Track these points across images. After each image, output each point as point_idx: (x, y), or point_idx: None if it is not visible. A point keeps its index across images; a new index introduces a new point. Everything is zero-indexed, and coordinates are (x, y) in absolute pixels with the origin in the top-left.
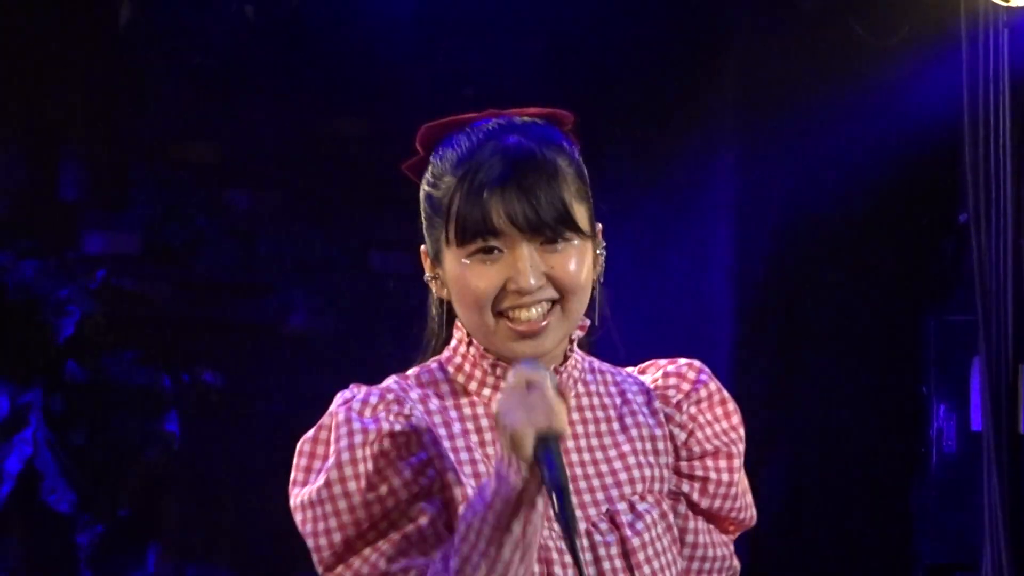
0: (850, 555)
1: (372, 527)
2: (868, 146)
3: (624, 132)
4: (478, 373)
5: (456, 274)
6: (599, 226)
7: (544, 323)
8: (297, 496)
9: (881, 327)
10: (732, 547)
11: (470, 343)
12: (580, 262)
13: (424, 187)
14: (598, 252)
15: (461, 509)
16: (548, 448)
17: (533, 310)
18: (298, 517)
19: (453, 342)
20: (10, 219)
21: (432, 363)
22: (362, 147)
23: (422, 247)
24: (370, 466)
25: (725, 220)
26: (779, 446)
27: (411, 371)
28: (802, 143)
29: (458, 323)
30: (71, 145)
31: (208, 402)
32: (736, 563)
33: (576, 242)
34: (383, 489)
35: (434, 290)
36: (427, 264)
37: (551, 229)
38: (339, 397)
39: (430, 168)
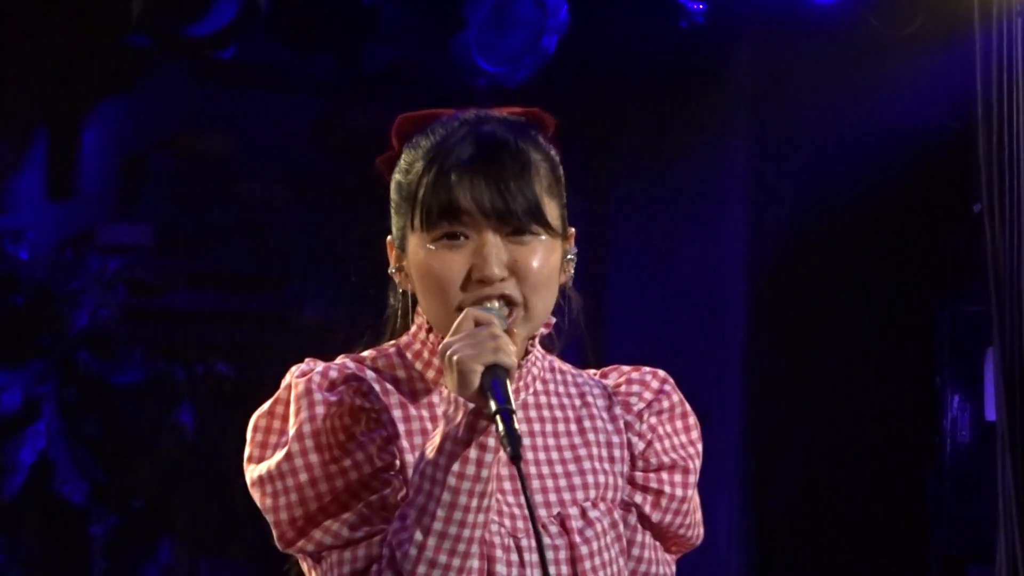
0: (863, 546)
1: (334, 500)
2: (881, 137)
3: (637, 125)
4: (436, 361)
5: (420, 260)
6: (572, 231)
7: (511, 324)
8: (255, 471)
9: (894, 318)
10: (673, 568)
11: (430, 330)
12: (545, 259)
13: (395, 176)
14: (568, 257)
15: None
16: (496, 378)
17: (496, 304)
18: (256, 493)
19: (413, 328)
20: (24, 211)
21: (390, 347)
22: (376, 138)
23: (388, 238)
24: (332, 439)
25: (738, 212)
26: (792, 437)
27: (366, 353)
28: (815, 135)
29: (419, 309)
30: (84, 137)
31: (221, 393)
32: None
33: (544, 238)
34: (346, 462)
35: (398, 282)
36: (392, 256)
37: (518, 219)
38: (295, 370)
39: (402, 157)
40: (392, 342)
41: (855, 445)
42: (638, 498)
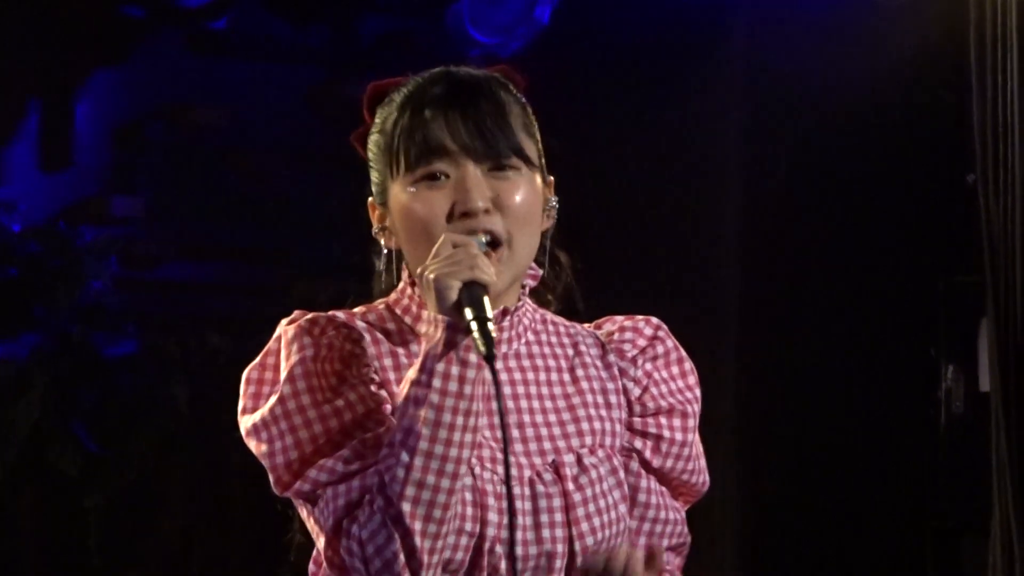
0: (859, 517)
1: (328, 440)
2: (875, 108)
3: (629, 96)
4: (425, 314)
5: (402, 204)
6: (551, 179)
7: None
8: (248, 421)
9: (889, 289)
10: (683, 514)
11: (414, 284)
12: (528, 193)
13: (371, 138)
14: (551, 204)
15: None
16: (471, 293)
17: (480, 236)
18: (252, 442)
19: (401, 284)
20: (16, 183)
21: (379, 304)
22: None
23: (369, 199)
24: (324, 381)
25: (732, 183)
26: (786, 408)
27: (356, 309)
28: (809, 107)
29: (404, 265)
30: (78, 110)
31: (215, 365)
32: (687, 533)
33: (524, 171)
34: (339, 402)
35: (382, 242)
36: (375, 217)
37: (498, 152)
38: (285, 321)
39: (376, 118)
40: (380, 300)
41: (849, 416)
42: (638, 443)
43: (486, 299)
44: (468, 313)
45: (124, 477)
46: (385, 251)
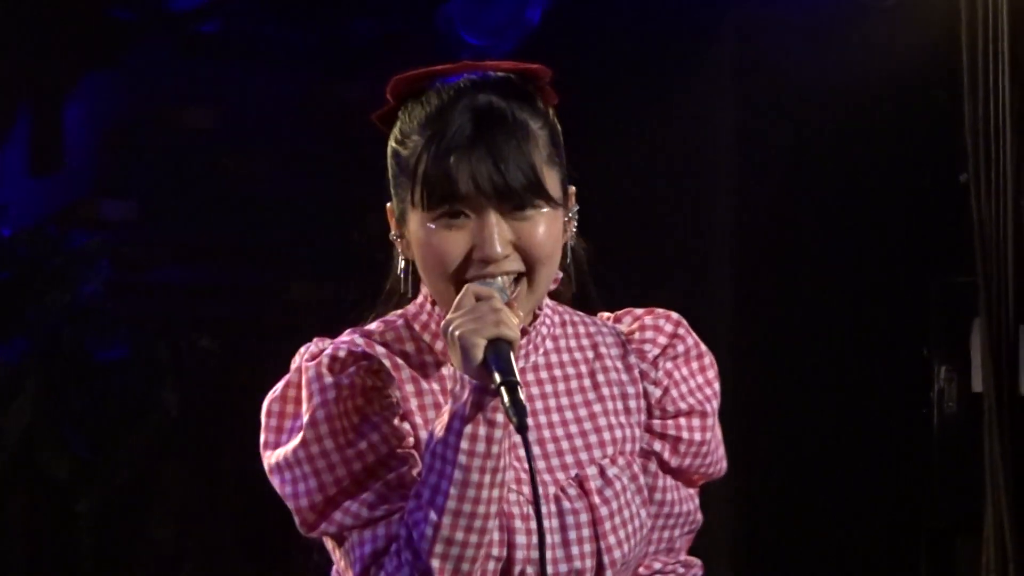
0: (852, 517)
1: (353, 482)
2: (867, 108)
3: (620, 98)
4: (442, 347)
5: (421, 238)
6: (572, 189)
7: (513, 298)
8: (272, 457)
9: (882, 289)
10: (697, 500)
11: (435, 302)
12: (548, 231)
13: (392, 143)
14: (569, 216)
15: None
16: (498, 352)
17: (499, 280)
18: (275, 480)
19: (419, 298)
20: (7, 187)
21: (397, 319)
22: (362, 111)
23: (388, 204)
24: (346, 422)
25: (724, 183)
26: (779, 408)
27: (372, 325)
28: (800, 107)
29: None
30: (68, 112)
31: (207, 368)
32: (700, 518)
33: (545, 210)
34: (362, 444)
35: (399, 249)
36: (393, 223)
37: (519, 196)
38: (304, 352)
39: (398, 123)
40: (399, 312)
41: (842, 416)
42: (657, 445)
43: (512, 356)
44: (497, 377)
45: (115, 482)
46: (402, 258)
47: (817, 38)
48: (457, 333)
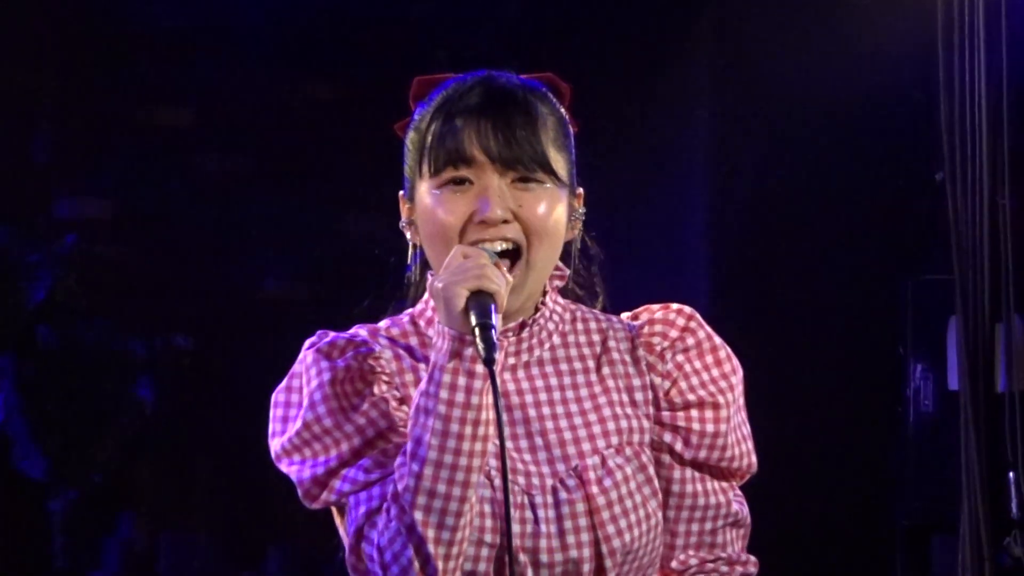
0: (827, 516)
1: (353, 454)
2: (844, 105)
3: (597, 93)
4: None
5: (426, 206)
6: (580, 191)
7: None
8: (278, 444)
9: (857, 287)
10: (732, 494)
11: None
12: (551, 207)
13: (408, 132)
14: (576, 216)
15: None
16: (479, 302)
17: (497, 244)
18: (283, 464)
19: (426, 294)
20: None
21: (404, 316)
22: (336, 110)
23: (400, 192)
24: (345, 403)
25: (700, 182)
26: (754, 407)
27: (381, 323)
28: (777, 103)
29: (429, 274)
30: (41, 110)
31: (181, 367)
32: (739, 509)
33: (549, 186)
34: (361, 421)
35: (409, 236)
36: (404, 210)
37: (523, 165)
38: (307, 343)
39: (415, 115)
40: (407, 311)
41: (818, 414)
42: (667, 437)
43: (492, 307)
44: (472, 319)
45: (89, 480)
46: (412, 244)
47: (794, 37)
48: (440, 286)
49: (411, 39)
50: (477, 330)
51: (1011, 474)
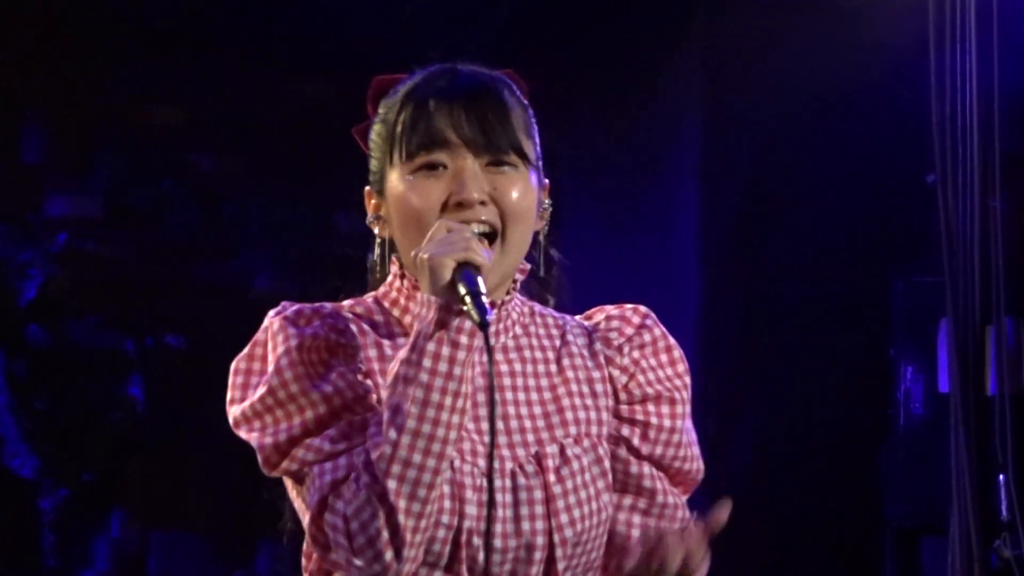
0: (817, 518)
1: (318, 423)
2: (835, 107)
3: (590, 93)
4: (412, 306)
5: (399, 192)
6: (547, 182)
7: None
8: (238, 410)
9: (848, 289)
10: (683, 501)
11: (403, 276)
12: (524, 190)
13: (373, 128)
14: (544, 206)
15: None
16: (466, 271)
17: (475, 227)
18: (242, 430)
19: (389, 277)
20: None
21: (368, 297)
22: (327, 109)
23: (366, 188)
24: (311, 370)
25: (692, 182)
26: (746, 408)
27: (345, 302)
28: (769, 105)
29: (394, 257)
30: (33, 108)
31: (172, 365)
32: (688, 517)
33: (522, 169)
34: (327, 388)
35: (376, 230)
36: (370, 205)
37: (497, 147)
38: (271, 312)
39: (379, 110)
40: (370, 293)
41: (809, 416)
42: (625, 431)
43: (480, 278)
44: (461, 288)
45: (80, 479)
46: (378, 241)
47: (786, 39)
48: (426, 256)
49: (403, 40)
50: (468, 297)
51: (1001, 476)
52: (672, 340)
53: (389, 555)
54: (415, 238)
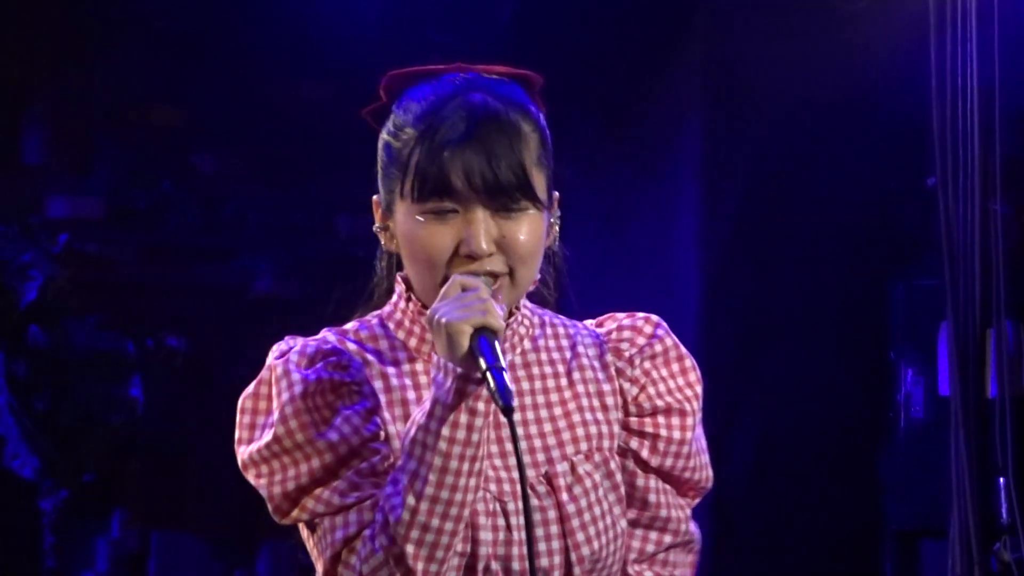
0: (818, 521)
1: (325, 471)
2: (835, 110)
3: (591, 96)
4: (417, 329)
5: (408, 230)
6: (556, 195)
7: (496, 289)
8: (245, 453)
9: (849, 291)
10: (689, 513)
11: (409, 299)
12: (533, 232)
13: (384, 136)
14: (552, 221)
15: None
16: (484, 339)
17: (482, 276)
18: (250, 474)
19: (394, 296)
20: None
21: (372, 318)
22: (328, 110)
23: (374, 197)
24: (316, 416)
25: (692, 185)
26: (746, 412)
27: (349, 325)
28: (769, 108)
29: (399, 277)
30: (34, 109)
31: (172, 367)
32: (694, 531)
33: (531, 211)
34: (333, 436)
35: (383, 241)
36: (378, 214)
37: (508, 195)
38: (275, 350)
39: (392, 118)
40: (375, 312)
41: (809, 419)
42: (634, 443)
43: (498, 345)
44: (482, 363)
45: (80, 480)
46: (384, 254)
47: (785, 42)
48: (444, 320)
49: (404, 39)
50: (490, 375)
51: (1001, 480)
52: (684, 349)
53: None
54: (424, 278)
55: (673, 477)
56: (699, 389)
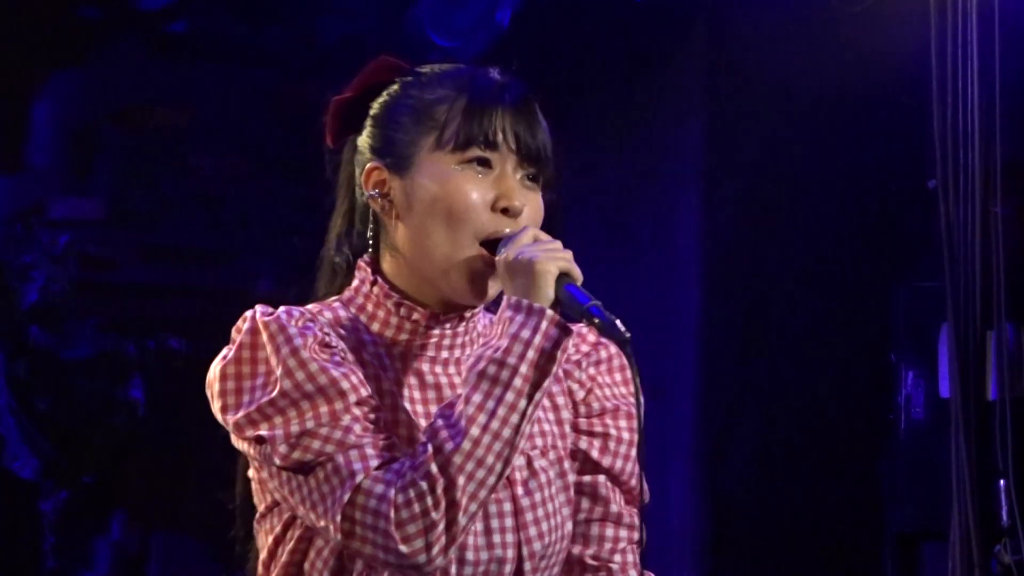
0: (818, 522)
1: (332, 416)
2: (836, 112)
3: (591, 100)
4: (381, 313)
5: (444, 178)
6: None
7: None
8: (241, 415)
9: (849, 293)
10: (635, 513)
11: (374, 282)
12: (539, 209)
13: (401, 97)
14: None
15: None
16: (572, 285)
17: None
18: (248, 431)
19: (355, 282)
20: None
21: (333, 302)
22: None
23: (368, 164)
24: (320, 366)
25: (693, 186)
26: (746, 412)
27: (311, 306)
28: (770, 111)
29: (360, 263)
30: (35, 110)
31: (173, 368)
32: (640, 537)
33: (539, 189)
34: (344, 384)
35: (375, 208)
36: (370, 181)
37: (541, 163)
38: (249, 315)
39: (411, 78)
40: (334, 297)
41: (809, 421)
42: (583, 443)
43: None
44: (583, 301)
45: (80, 481)
46: (371, 224)
47: (787, 42)
48: (531, 259)
49: (401, 44)
50: (594, 312)
51: (1001, 482)
52: (625, 361)
53: (437, 548)
54: (452, 228)
55: (621, 481)
56: (641, 399)
